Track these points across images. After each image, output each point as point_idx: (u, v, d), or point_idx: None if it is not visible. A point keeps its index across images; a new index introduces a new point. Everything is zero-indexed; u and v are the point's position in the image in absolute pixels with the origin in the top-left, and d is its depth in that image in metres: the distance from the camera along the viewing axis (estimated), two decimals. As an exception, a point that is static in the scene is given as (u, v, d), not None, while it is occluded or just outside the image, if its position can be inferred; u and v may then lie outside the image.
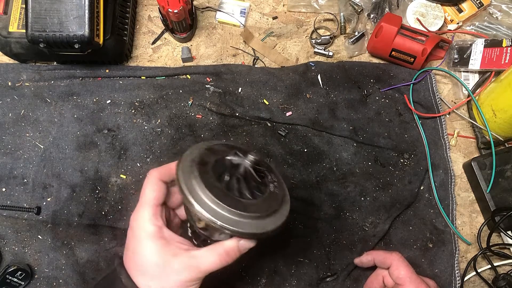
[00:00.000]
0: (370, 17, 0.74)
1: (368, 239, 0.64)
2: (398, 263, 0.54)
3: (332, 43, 0.74)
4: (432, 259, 0.64)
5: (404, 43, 0.68)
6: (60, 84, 0.67)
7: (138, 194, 0.63)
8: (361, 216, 0.65)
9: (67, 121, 0.66)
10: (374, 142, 0.67)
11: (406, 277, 0.53)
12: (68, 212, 0.62)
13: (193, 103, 0.68)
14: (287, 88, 0.69)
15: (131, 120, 0.67)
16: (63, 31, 0.58)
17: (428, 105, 0.70)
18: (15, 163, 0.64)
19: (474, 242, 0.66)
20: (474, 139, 0.70)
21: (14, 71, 0.67)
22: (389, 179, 0.66)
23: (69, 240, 0.62)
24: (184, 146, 0.66)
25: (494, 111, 0.65)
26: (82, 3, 0.58)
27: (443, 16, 0.74)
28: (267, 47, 0.72)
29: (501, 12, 0.75)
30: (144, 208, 0.43)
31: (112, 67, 0.69)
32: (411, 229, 0.65)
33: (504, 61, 0.69)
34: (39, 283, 0.61)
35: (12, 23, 0.65)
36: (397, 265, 0.54)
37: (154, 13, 0.74)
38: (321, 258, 0.63)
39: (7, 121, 0.66)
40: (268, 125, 0.68)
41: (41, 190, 0.63)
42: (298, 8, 0.74)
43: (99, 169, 0.64)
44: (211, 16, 0.74)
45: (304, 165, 0.66)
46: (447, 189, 0.67)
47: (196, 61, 0.72)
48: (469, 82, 0.72)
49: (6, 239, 0.62)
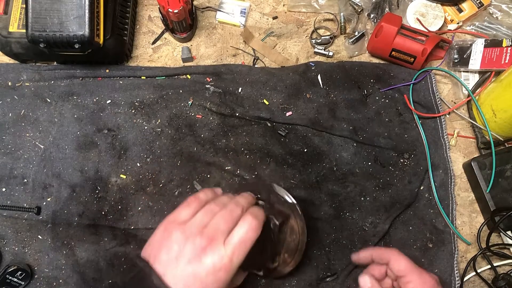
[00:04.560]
0: (370, 17, 0.74)
1: (368, 239, 0.64)
2: (397, 257, 0.54)
3: (332, 43, 0.74)
4: (432, 259, 0.64)
5: (404, 43, 0.68)
6: (60, 84, 0.67)
7: (138, 194, 0.64)
8: (361, 216, 0.65)
9: (67, 121, 0.66)
10: (374, 142, 0.67)
11: (407, 268, 0.52)
12: (68, 212, 0.62)
13: (193, 103, 0.68)
14: (287, 88, 0.69)
15: (131, 120, 0.67)
16: (63, 31, 0.58)
17: (428, 105, 0.70)
18: (15, 163, 0.64)
19: (474, 242, 0.66)
20: (474, 139, 0.70)
21: (14, 71, 0.67)
22: (389, 179, 0.66)
23: (69, 240, 0.62)
24: (184, 146, 0.66)
25: (494, 111, 0.65)
26: (82, 3, 0.58)
27: (443, 16, 0.74)
28: (267, 47, 0.72)
29: (501, 12, 0.75)
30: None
31: (112, 67, 0.69)
32: (411, 229, 0.65)
33: (504, 61, 0.69)
34: (39, 283, 0.61)
35: (12, 23, 0.65)
36: (396, 259, 0.54)
37: (154, 13, 0.74)
38: (321, 258, 0.63)
39: (7, 121, 0.66)
40: (268, 125, 0.68)
41: (41, 190, 0.63)
42: (298, 8, 0.74)
43: (99, 169, 0.64)
44: (211, 16, 0.74)
45: (304, 165, 0.66)
46: (447, 189, 0.67)
47: (196, 61, 0.72)
48: (469, 82, 0.72)
49: (6, 239, 0.62)
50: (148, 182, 0.64)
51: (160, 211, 0.63)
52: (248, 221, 0.45)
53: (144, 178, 0.64)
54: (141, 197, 0.64)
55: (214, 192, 0.52)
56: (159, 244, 0.45)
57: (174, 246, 0.44)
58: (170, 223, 0.46)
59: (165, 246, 0.44)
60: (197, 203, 0.48)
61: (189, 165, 0.65)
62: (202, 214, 0.46)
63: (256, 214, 0.47)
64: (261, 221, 0.47)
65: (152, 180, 0.64)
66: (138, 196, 0.64)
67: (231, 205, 0.47)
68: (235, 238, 0.44)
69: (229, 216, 0.46)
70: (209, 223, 0.45)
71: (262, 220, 0.47)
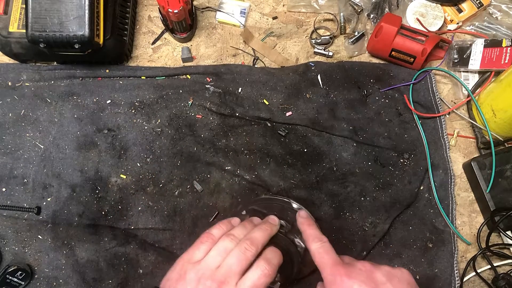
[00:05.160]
0: (370, 17, 0.74)
1: (368, 239, 0.64)
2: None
3: (332, 43, 0.74)
4: (432, 259, 0.64)
5: (404, 43, 0.68)
6: (60, 84, 0.68)
7: (138, 194, 0.64)
8: (361, 216, 0.65)
9: (67, 121, 0.66)
10: (374, 142, 0.67)
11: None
12: (68, 212, 0.62)
13: (193, 103, 0.68)
14: (287, 88, 0.69)
15: (131, 120, 0.67)
16: (63, 31, 0.58)
17: (428, 105, 0.70)
18: (15, 163, 0.64)
19: (474, 242, 0.66)
20: (474, 139, 0.70)
21: (14, 71, 0.67)
22: (389, 179, 0.66)
23: (69, 240, 0.62)
24: (184, 146, 0.66)
25: (493, 111, 0.65)
26: (82, 3, 0.58)
27: (443, 16, 0.74)
28: (267, 47, 0.72)
29: (501, 12, 0.75)
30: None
31: (112, 67, 0.69)
32: (411, 229, 0.65)
33: (504, 61, 0.69)
34: (39, 283, 0.61)
35: (12, 23, 0.65)
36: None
37: (154, 13, 0.74)
38: (321, 258, 0.63)
39: (7, 121, 0.66)
40: (268, 125, 0.68)
41: (41, 190, 0.63)
42: (298, 8, 0.74)
43: (99, 169, 0.64)
44: (211, 16, 0.74)
45: (304, 165, 0.66)
46: (447, 189, 0.67)
47: (196, 61, 0.72)
48: (469, 82, 0.72)
49: (6, 239, 0.62)
50: (148, 182, 0.64)
51: (160, 211, 0.63)
52: (261, 267, 0.44)
53: (144, 178, 0.64)
54: (141, 197, 0.64)
55: (230, 224, 0.51)
56: (176, 282, 0.45)
57: (188, 287, 0.43)
58: (186, 263, 0.46)
59: (180, 285, 0.44)
60: (210, 240, 0.47)
61: (189, 165, 0.65)
62: (215, 253, 0.45)
63: (271, 258, 0.46)
64: (275, 265, 0.46)
65: (152, 180, 0.64)
66: (138, 196, 0.64)
67: (246, 242, 0.46)
68: (247, 283, 0.43)
69: (243, 255, 0.44)
70: (222, 264, 0.44)
71: (277, 263, 0.46)
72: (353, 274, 0.44)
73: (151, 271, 0.62)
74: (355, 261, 0.47)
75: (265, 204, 0.58)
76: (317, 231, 0.51)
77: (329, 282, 0.45)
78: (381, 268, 0.46)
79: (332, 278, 0.45)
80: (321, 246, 0.48)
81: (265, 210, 0.55)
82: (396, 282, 0.44)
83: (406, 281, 0.45)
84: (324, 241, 0.49)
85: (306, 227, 0.51)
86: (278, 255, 0.47)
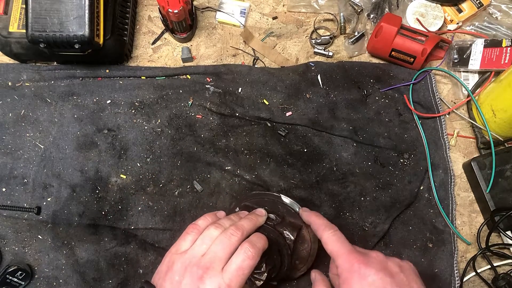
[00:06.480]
0: (370, 17, 0.74)
1: (368, 239, 0.64)
2: (325, 241, 0.49)
3: (332, 43, 0.74)
4: (432, 259, 0.64)
5: (404, 43, 0.68)
6: (60, 84, 0.68)
7: (138, 194, 0.64)
8: (361, 216, 0.65)
9: (67, 121, 0.66)
10: (374, 142, 0.67)
11: (333, 252, 0.48)
12: (68, 212, 0.62)
13: (193, 103, 0.68)
14: (287, 88, 0.69)
15: (131, 120, 0.67)
16: (63, 31, 0.58)
17: (428, 105, 0.70)
18: (15, 163, 0.64)
19: (474, 242, 0.66)
20: (474, 139, 0.70)
21: (14, 71, 0.67)
22: (389, 179, 0.66)
23: (69, 240, 0.62)
24: (184, 146, 0.66)
25: (493, 111, 0.65)
26: (82, 3, 0.58)
27: (442, 16, 0.74)
28: (267, 47, 0.72)
29: (501, 12, 0.75)
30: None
31: (112, 67, 0.69)
32: (410, 229, 0.65)
33: (503, 61, 0.69)
34: (39, 283, 0.61)
35: (12, 23, 0.65)
36: (325, 242, 0.49)
37: (154, 13, 0.74)
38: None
39: (7, 121, 0.66)
40: (268, 125, 0.68)
41: (41, 190, 0.63)
42: (298, 8, 0.74)
43: (99, 169, 0.64)
44: (211, 16, 0.74)
45: (304, 165, 0.66)
46: (447, 189, 0.67)
47: (196, 61, 0.72)
48: (469, 82, 0.72)
49: (6, 239, 0.62)
50: (148, 182, 0.64)
51: (160, 211, 0.63)
52: (245, 249, 0.45)
53: (144, 178, 0.64)
54: (141, 197, 0.64)
55: (215, 215, 0.52)
56: (165, 274, 0.46)
57: (175, 277, 0.45)
58: (173, 254, 0.47)
59: (169, 277, 0.45)
60: (196, 230, 0.48)
61: (189, 165, 0.65)
62: (200, 241, 0.47)
63: (255, 241, 0.47)
64: (259, 249, 0.46)
65: (152, 180, 0.64)
66: (138, 196, 0.64)
67: (231, 228, 0.47)
68: (233, 266, 0.44)
69: (227, 241, 0.46)
70: (207, 251, 0.45)
71: (261, 247, 0.47)
72: (369, 263, 0.45)
73: (151, 271, 0.62)
74: (367, 251, 0.48)
75: (257, 200, 0.58)
76: (327, 221, 0.51)
77: (345, 270, 0.45)
78: (391, 259, 0.47)
79: (349, 266, 0.45)
80: (333, 234, 0.49)
81: (256, 205, 0.56)
82: (407, 273, 0.46)
83: (413, 272, 0.47)
84: (335, 229, 0.50)
85: (314, 218, 0.52)
86: (262, 239, 0.48)
